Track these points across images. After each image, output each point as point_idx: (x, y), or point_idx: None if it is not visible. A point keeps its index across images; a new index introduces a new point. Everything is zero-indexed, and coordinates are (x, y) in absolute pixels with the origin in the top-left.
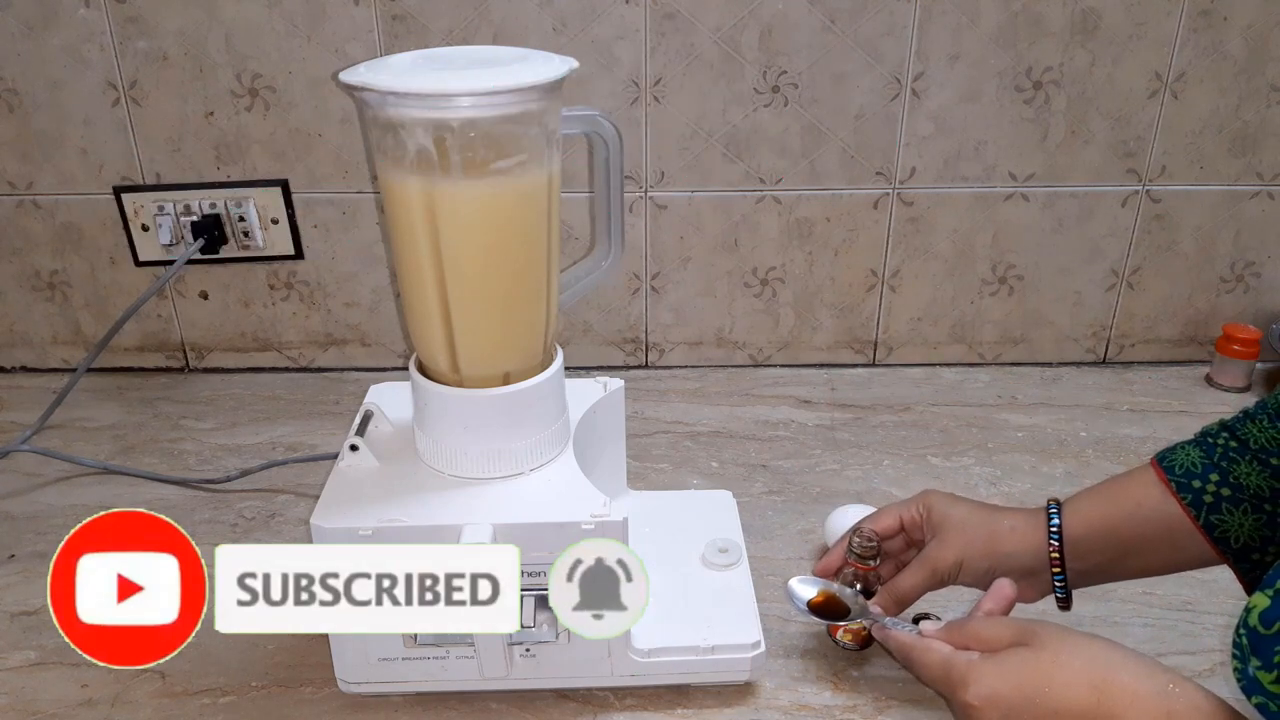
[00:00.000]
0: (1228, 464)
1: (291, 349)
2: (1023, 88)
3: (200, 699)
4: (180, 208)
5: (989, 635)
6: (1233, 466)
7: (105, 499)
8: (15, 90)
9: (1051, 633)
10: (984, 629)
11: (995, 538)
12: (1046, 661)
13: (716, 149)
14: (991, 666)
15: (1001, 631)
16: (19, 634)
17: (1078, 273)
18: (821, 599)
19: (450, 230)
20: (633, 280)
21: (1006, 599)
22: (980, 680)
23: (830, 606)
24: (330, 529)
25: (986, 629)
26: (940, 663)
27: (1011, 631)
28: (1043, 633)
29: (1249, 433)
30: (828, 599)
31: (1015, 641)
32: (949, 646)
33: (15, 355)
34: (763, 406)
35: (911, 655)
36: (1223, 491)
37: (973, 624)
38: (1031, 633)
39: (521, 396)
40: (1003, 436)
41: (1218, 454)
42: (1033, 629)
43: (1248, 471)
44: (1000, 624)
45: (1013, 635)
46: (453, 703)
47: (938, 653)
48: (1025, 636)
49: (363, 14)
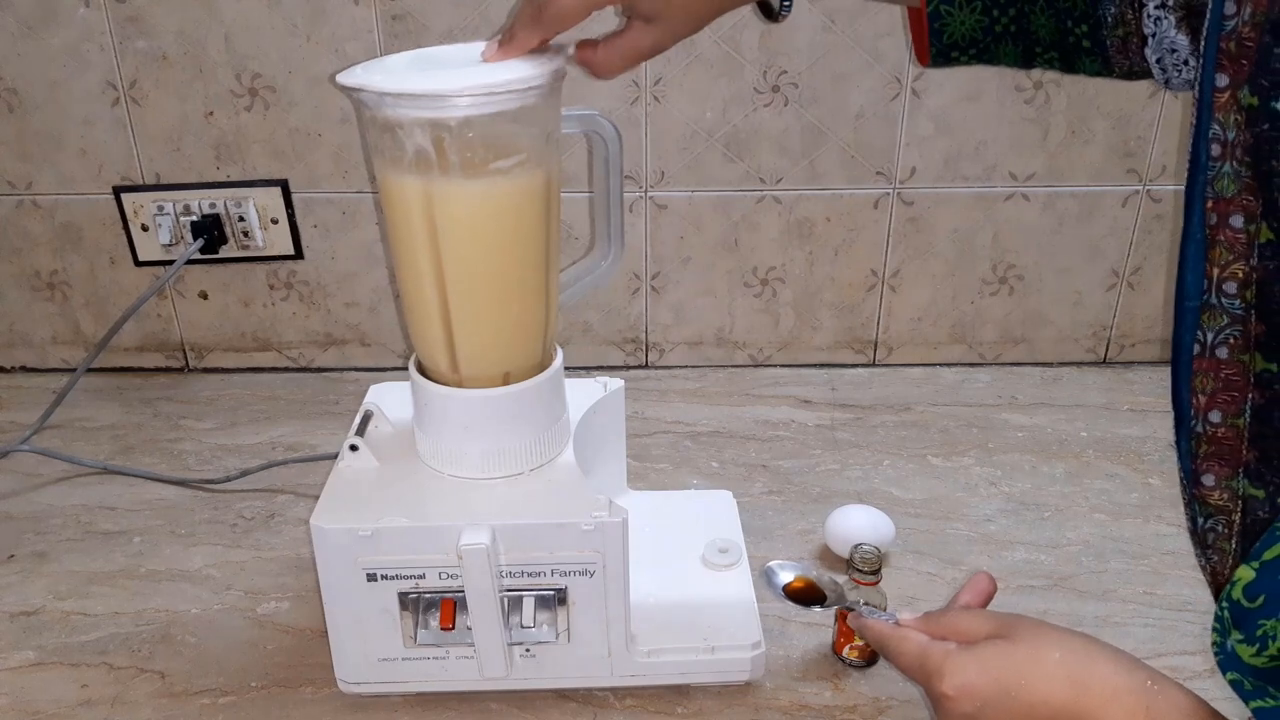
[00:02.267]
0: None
1: (291, 349)
2: (1023, 87)
3: (200, 699)
4: (180, 208)
5: (966, 627)
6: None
7: (105, 499)
8: (15, 90)
9: (1029, 627)
10: (961, 621)
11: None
12: (1024, 655)
13: (716, 149)
14: (968, 658)
15: (979, 624)
16: (19, 634)
17: (1078, 273)
18: (800, 584)
19: (450, 230)
20: (633, 280)
21: (984, 592)
22: (956, 671)
23: (808, 593)
24: (330, 529)
25: (964, 620)
26: (917, 652)
27: (990, 624)
28: (1020, 626)
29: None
30: (807, 585)
31: (993, 634)
32: (925, 636)
33: (15, 355)
34: (763, 406)
35: (888, 644)
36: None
37: (950, 615)
38: (1009, 626)
39: (521, 396)
40: (1003, 436)
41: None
42: (1011, 622)
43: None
44: (978, 616)
45: (991, 628)
46: (453, 703)
47: (914, 642)
48: (1003, 629)
49: (362, 14)
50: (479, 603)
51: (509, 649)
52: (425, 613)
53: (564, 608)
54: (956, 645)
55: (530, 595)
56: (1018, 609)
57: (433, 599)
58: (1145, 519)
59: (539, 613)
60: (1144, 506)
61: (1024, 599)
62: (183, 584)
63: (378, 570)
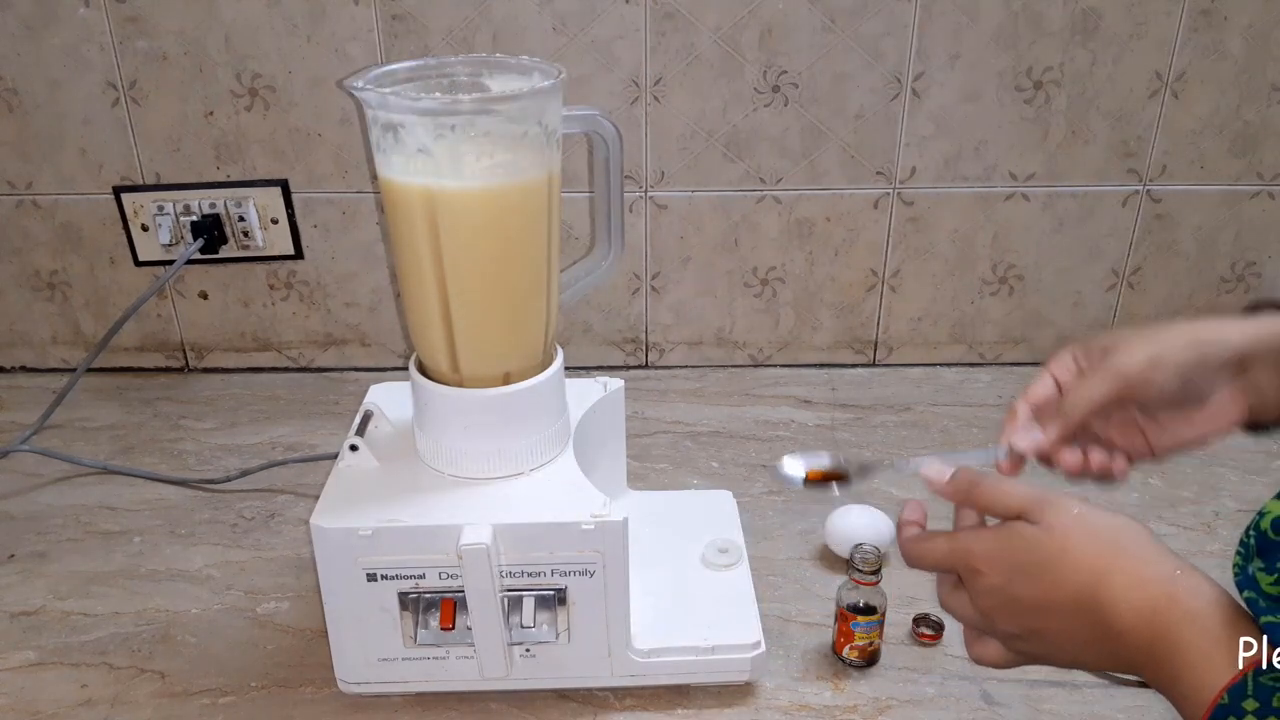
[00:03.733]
0: None
1: (291, 349)
2: (1023, 87)
3: (200, 699)
4: (180, 208)
5: (994, 498)
6: None
7: (105, 499)
8: (15, 90)
9: (1064, 509)
10: (995, 490)
11: (1196, 327)
12: (1054, 543)
13: (716, 149)
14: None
15: (1013, 497)
16: (19, 634)
17: (1078, 273)
18: (819, 475)
19: (450, 230)
20: (633, 280)
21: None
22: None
23: (828, 477)
24: (330, 529)
25: (998, 489)
26: (945, 549)
27: (1024, 499)
28: (1053, 510)
29: None
30: (825, 474)
31: (1024, 512)
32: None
33: (15, 355)
34: (763, 406)
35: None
36: None
37: (983, 483)
38: (1041, 507)
39: (521, 396)
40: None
41: None
42: (1045, 501)
43: None
44: (1010, 489)
45: (1023, 503)
46: (453, 703)
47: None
48: (1036, 509)
49: (363, 14)
50: (479, 603)
51: (509, 649)
52: (425, 613)
53: (564, 608)
54: (984, 528)
55: (530, 595)
56: None
57: (433, 599)
58: (1145, 519)
59: (539, 613)
60: (1144, 506)
61: None
62: (183, 584)
63: (378, 570)
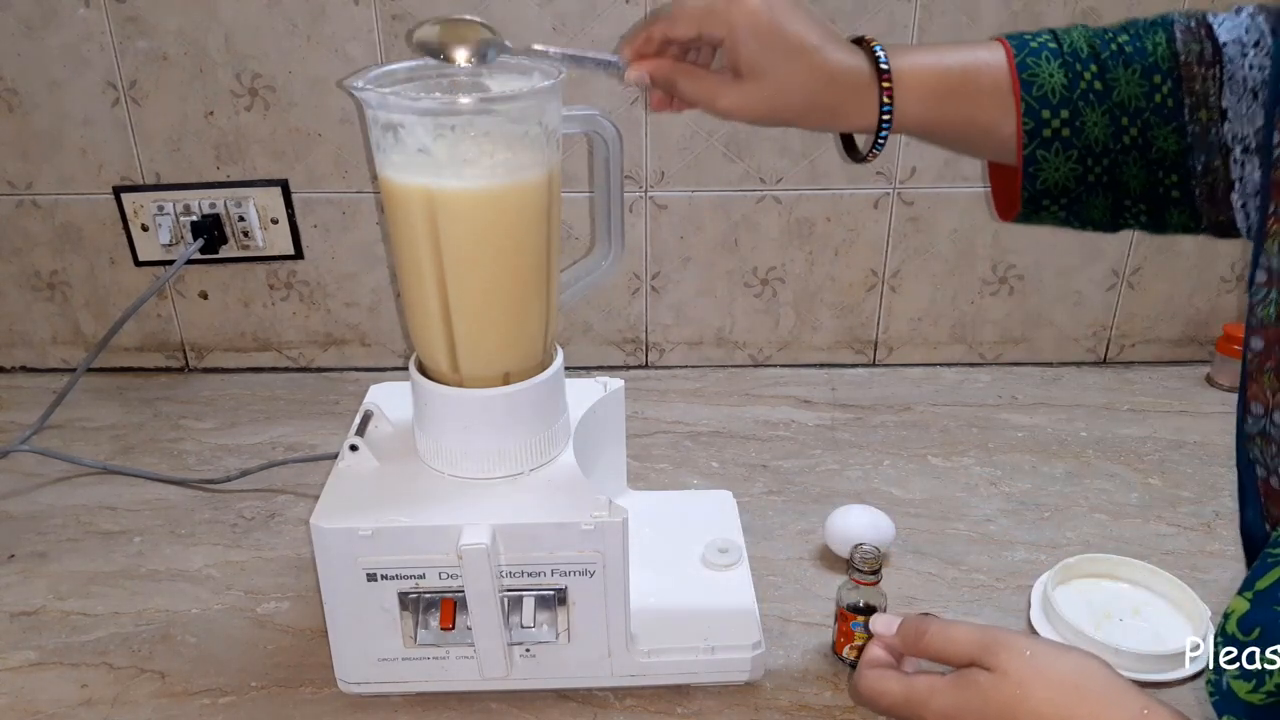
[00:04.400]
0: (1084, 104)
1: (291, 349)
2: None
3: (200, 699)
4: (180, 208)
5: (943, 645)
6: (1087, 110)
7: (105, 499)
8: (15, 90)
9: (1017, 653)
10: (942, 637)
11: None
12: (1010, 691)
13: (716, 149)
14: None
15: (961, 643)
16: (19, 634)
17: (1078, 273)
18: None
19: (450, 230)
20: (633, 280)
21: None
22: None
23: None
24: (330, 529)
25: (945, 636)
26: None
27: (973, 644)
28: (1006, 653)
29: (1117, 79)
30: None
31: (975, 659)
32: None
33: (15, 355)
34: (763, 406)
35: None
36: (1063, 132)
37: (930, 630)
38: (995, 651)
39: (521, 396)
40: (1003, 436)
41: (1079, 90)
42: (997, 645)
43: (1096, 122)
44: (960, 633)
45: (973, 649)
46: (453, 703)
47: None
48: (988, 654)
49: (363, 14)
50: (479, 603)
51: (509, 649)
52: (425, 613)
53: (564, 608)
54: (940, 676)
55: (530, 595)
56: (1018, 609)
57: (433, 599)
58: (1145, 519)
59: (539, 613)
60: (1144, 506)
61: (1024, 599)
62: (183, 584)
63: (378, 570)
